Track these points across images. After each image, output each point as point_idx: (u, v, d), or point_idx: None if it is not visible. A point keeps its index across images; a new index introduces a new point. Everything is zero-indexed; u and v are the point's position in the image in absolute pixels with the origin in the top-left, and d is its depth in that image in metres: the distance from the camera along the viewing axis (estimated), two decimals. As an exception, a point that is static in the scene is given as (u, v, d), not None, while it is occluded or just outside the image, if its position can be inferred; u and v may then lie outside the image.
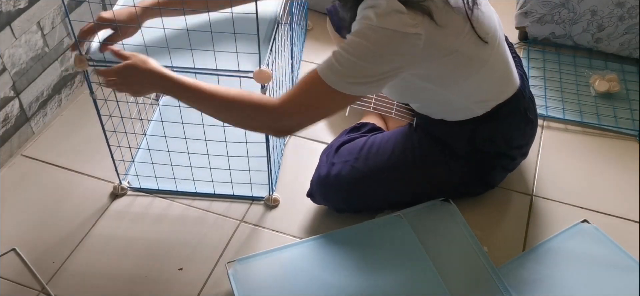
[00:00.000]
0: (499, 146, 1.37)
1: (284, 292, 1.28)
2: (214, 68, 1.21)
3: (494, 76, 1.28)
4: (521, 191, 1.52)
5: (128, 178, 1.55)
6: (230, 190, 1.50)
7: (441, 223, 1.40)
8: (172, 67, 1.22)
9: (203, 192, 1.51)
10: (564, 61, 1.91)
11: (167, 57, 1.21)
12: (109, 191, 1.53)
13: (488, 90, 1.29)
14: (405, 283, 1.28)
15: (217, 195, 1.51)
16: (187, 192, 1.51)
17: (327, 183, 1.37)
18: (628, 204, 1.48)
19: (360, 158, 1.38)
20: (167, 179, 1.49)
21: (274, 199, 1.49)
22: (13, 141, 1.63)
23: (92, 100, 1.35)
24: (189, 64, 1.22)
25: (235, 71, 1.20)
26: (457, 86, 1.24)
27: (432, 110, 1.34)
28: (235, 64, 1.20)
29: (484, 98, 1.29)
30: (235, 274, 1.30)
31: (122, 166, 1.52)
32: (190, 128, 1.38)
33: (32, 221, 1.46)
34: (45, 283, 1.32)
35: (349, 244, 1.37)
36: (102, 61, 1.23)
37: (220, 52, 1.20)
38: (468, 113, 1.31)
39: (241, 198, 1.50)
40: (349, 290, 1.27)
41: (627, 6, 1.80)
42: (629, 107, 1.75)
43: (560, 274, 1.31)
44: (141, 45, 1.23)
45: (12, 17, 1.52)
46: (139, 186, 1.53)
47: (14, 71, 1.57)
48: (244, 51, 1.20)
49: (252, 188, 1.48)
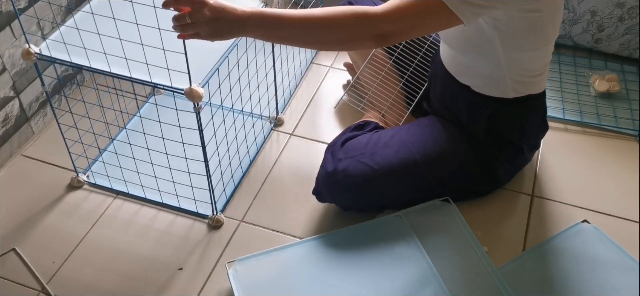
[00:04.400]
0: (513, 135, 1.39)
1: (284, 292, 1.28)
2: (149, 81, 1.22)
3: (543, 60, 1.32)
4: (521, 191, 1.52)
5: (88, 171, 1.56)
6: (177, 202, 1.48)
7: (441, 223, 1.40)
8: (111, 74, 1.24)
9: (151, 199, 1.50)
10: (564, 61, 1.91)
11: (105, 63, 1.23)
12: (107, 192, 1.53)
13: (533, 72, 1.32)
14: (404, 283, 1.28)
15: (165, 205, 1.49)
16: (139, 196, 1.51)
17: (334, 179, 1.37)
18: (628, 204, 1.48)
19: (366, 152, 1.38)
20: (135, 185, 1.50)
21: (217, 219, 1.44)
22: (13, 141, 1.63)
23: (45, 93, 1.37)
24: (125, 72, 1.23)
25: (169, 87, 1.21)
26: (516, 52, 1.27)
27: (475, 70, 1.35)
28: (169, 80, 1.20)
29: (526, 79, 1.33)
30: (235, 274, 1.30)
31: (83, 161, 1.54)
32: (156, 140, 1.38)
33: (32, 221, 1.46)
34: (45, 283, 1.32)
35: (349, 244, 1.37)
36: (50, 57, 1.28)
37: (154, 66, 1.20)
38: (501, 90, 1.34)
39: (186, 212, 1.48)
40: (349, 289, 1.28)
41: (627, 7, 1.80)
42: (629, 107, 1.75)
43: (560, 274, 1.31)
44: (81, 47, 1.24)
45: (12, 17, 1.52)
46: (95, 182, 1.54)
47: (14, 71, 1.57)
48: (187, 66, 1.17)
49: (196, 205, 1.46)
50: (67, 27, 1.32)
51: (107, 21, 1.21)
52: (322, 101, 1.81)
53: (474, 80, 1.36)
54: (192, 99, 1.20)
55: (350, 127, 1.53)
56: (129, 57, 1.20)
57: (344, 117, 1.75)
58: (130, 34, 1.18)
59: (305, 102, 1.80)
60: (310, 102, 1.80)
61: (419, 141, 1.40)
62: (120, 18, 1.18)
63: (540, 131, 1.49)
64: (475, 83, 1.36)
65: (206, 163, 1.34)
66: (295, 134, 1.70)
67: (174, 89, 1.21)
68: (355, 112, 1.70)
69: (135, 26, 1.15)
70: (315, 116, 1.76)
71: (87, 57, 1.25)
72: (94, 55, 1.25)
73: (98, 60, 1.25)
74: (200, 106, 1.22)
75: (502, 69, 1.30)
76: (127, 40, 1.19)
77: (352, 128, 1.52)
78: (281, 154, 1.64)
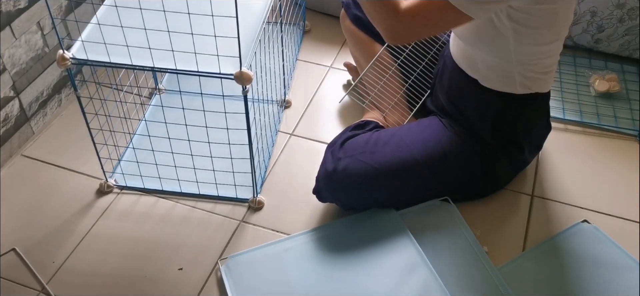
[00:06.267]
0: (517, 134, 1.40)
1: (276, 285, 1.29)
2: (196, 70, 1.22)
3: (553, 57, 1.34)
4: (521, 191, 1.52)
5: (115, 176, 1.55)
6: (215, 191, 1.50)
7: (441, 222, 1.41)
8: (154, 68, 1.24)
9: (188, 192, 1.51)
10: (564, 61, 1.91)
11: (149, 57, 1.22)
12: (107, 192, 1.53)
13: (542, 68, 1.33)
14: (394, 269, 1.29)
15: (202, 196, 1.51)
16: (173, 191, 1.52)
17: (334, 178, 1.37)
18: (628, 204, 1.48)
19: (366, 151, 1.38)
20: (154, 179, 1.50)
21: (258, 201, 1.48)
22: (13, 141, 1.63)
23: (77, 98, 1.36)
24: (170, 65, 1.23)
25: (216, 73, 1.22)
26: (527, 46, 1.27)
27: (485, 62, 1.35)
28: (216, 66, 1.21)
29: (534, 75, 1.33)
30: (227, 270, 1.31)
31: (109, 164, 1.53)
32: (178, 129, 1.38)
33: (32, 221, 1.46)
34: (45, 283, 1.32)
35: (338, 236, 1.38)
36: (85, 60, 1.25)
37: (201, 54, 1.21)
38: (510, 85, 1.35)
39: (226, 199, 1.50)
40: (339, 278, 1.29)
41: (627, 8, 1.80)
42: (629, 107, 1.75)
43: (560, 274, 1.31)
44: (123, 45, 1.23)
45: (12, 17, 1.52)
46: (125, 184, 1.53)
47: (14, 71, 1.57)
48: (225, 52, 1.20)
49: (237, 190, 1.48)
50: (92, 23, 1.31)
51: (127, 16, 1.21)
52: (322, 101, 1.81)
53: (483, 73, 1.36)
54: (242, 82, 1.22)
55: (351, 127, 1.53)
56: (154, 47, 1.21)
57: (344, 116, 1.75)
58: (155, 24, 1.19)
59: (305, 102, 1.80)
60: (310, 102, 1.80)
61: (420, 140, 1.40)
62: (146, 7, 1.17)
63: (544, 133, 1.49)
64: (483, 76, 1.37)
65: (250, 145, 1.35)
66: (295, 134, 1.70)
67: (222, 75, 1.22)
68: (356, 112, 1.70)
69: (155, 15, 1.16)
70: (315, 115, 1.76)
71: (128, 54, 1.23)
72: (127, 51, 1.23)
73: (136, 56, 1.23)
74: (247, 90, 1.24)
75: (512, 63, 1.31)
76: (170, 31, 1.18)
77: (352, 127, 1.52)
78: (281, 154, 1.64)
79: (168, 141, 1.42)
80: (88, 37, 1.29)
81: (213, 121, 1.36)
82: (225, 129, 1.34)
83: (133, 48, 1.22)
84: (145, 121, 1.67)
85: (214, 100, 1.42)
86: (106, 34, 1.24)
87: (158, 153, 1.44)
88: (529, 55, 1.29)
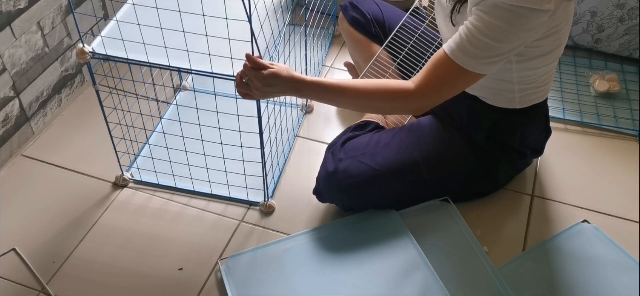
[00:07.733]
0: (514, 141, 1.40)
1: (275, 285, 1.29)
2: (210, 71, 1.22)
3: (552, 71, 1.33)
4: (521, 191, 1.52)
5: (131, 170, 1.56)
6: (227, 192, 1.50)
7: (441, 223, 1.41)
8: (170, 67, 1.23)
9: (201, 191, 1.52)
10: (564, 60, 1.91)
11: (165, 56, 1.22)
12: (107, 192, 1.53)
13: (542, 82, 1.32)
14: (394, 269, 1.29)
15: (215, 196, 1.51)
16: (186, 189, 1.53)
17: (334, 178, 1.37)
18: (628, 204, 1.48)
19: (366, 153, 1.38)
20: (167, 175, 1.51)
21: (269, 205, 1.48)
22: (13, 141, 1.63)
23: (95, 91, 1.36)
24: (185, 64, 1.23)
25: (230, 75, 1.22)
26: (531, 70, 1.27)
27: (485, 84, 1.33)
28: (230, 68, 1.22)
29: (533, 89, 1.32)
30: (227, 270, 1.31)
31: (126, 158, 1.54)
32: (195, 129, 1.39)
33: (32, 221, 1.46)
34: (45, 283, 1.32)
35: (337, 236, 1.39)
36: (104, 55, 1.25)
37: (215, 56, 1.21)
38: (509, 101, 1.34)
39: (237, 201, 1.50)
40: (338, 278, 1.29)
41: (627, 8, 1.80)
42: (629, 107, 1.75)
43: (560, 274, 1.31)
44: (140, 42, 1.23)
45: (12, 17, 1.52)
46: (140, 179, 1.54)
47: (14, 71, 1.57)
48: (241, 55, 1.20)
49: (248, 193, 1.49)
50: (114, 20, 1.31)
51: (146, 14, 1.22)
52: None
53: (483, 93, 1.36)
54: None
55: (351, 127, 1.53)
56: (170, 47, 1.21)
57: (344, 117, 1.75)
58: (172, 24, 1.20)
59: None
60: (310, 102, 1.80)
61: (420, 141, 1.40)
62: (164, 7, 1.18)
63: (544, 137, 1.48)
64: (483, 95, 1.36)
65: (262, 148, 1.35)
66: (295, 134, 1.70)
67: (234, 78, 1.21)
68: (356, 113, 1.70)
69: (176, 15, 1.17)
70: (316, 116, 1.76)
71: (144, 51, 1.24)
72: (145, 48, 1.23)
73: (153, 54, 1.24)
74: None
75: (513, 83, 1.30)
76: (189, 32, 1.19)
77: (352, 128, 1.52)
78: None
79: (182, 140, 1.42)
80: (108, 33, 1.30)
81: (229, 123, 1.37)
82: (237, 131, 1.35)
83: (150, 46, 1.23)
84: (163, 119, 1.69)
85: (233, 102, 1.42)
86: (125, 32, 1.25)
87: (172, 151, 1.46)
88: (531, 75, 1.29)
